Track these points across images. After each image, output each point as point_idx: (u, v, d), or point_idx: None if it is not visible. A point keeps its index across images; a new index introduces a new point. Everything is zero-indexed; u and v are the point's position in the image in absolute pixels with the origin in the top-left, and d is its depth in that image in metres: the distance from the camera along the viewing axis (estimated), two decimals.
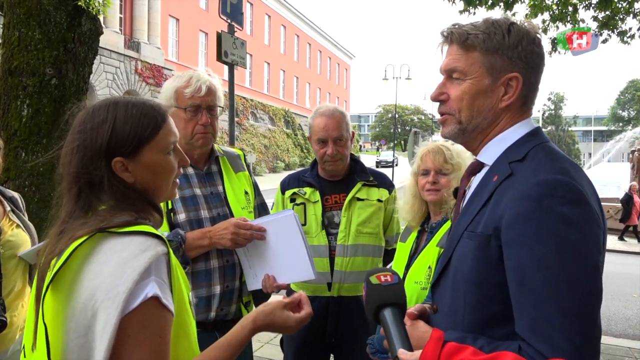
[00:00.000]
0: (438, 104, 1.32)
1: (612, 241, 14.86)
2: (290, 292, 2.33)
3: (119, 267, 1.00)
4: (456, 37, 1.25)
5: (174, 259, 1.13)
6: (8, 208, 2.26)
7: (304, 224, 2.55)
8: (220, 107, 2.14)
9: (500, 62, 1.22)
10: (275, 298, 2.76)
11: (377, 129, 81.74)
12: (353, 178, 2.62)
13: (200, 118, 2.06)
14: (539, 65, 1.25)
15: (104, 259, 1.02)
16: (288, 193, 2.65)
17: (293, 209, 2.59)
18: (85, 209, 1.11)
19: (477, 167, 1.33)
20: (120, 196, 1.13)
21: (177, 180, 1.28)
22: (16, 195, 2.39)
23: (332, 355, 2.65)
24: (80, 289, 1.00)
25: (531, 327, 1.04)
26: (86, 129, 1.13)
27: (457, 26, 1.26)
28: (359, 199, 2.58)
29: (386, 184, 2.72)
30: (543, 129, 1.34)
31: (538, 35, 1.25)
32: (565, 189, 1.07)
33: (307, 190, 2.60)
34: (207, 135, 2.09)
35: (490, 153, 1.27)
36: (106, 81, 24.90)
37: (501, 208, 1.13)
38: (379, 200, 2.63)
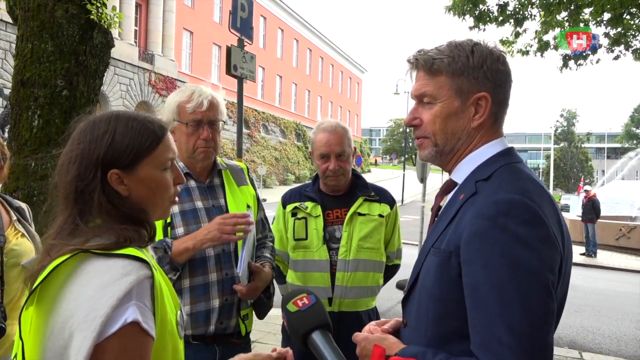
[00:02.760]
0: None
1: (624, 259, 14.65)
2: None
3: (99, 290, 0.99)
4: (422, 64, 1.28)
5: (160, 280, 1.12)
6: (14, 217, 2.29)
7: (305, 238, 2.55)
8: (222, 121, 2.15)
9: (467, 83, 1.24)
10: (276, 311, 2.75)
11: (389, 143, 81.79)
12: (354, 193, 2.62)
13: (201, 133, 2.06)
14: (505, 83, 1.27)
15: (85, 280, 1.01)
16: (289, 207, 2.65)
17: (294, 223, 2.59)
18: (77, 221, 1.11)
19: (450, 185, 1.35)
20: (112, 211, 1.13)
21: (176, 198, 1.28)
22: (23, 205, 2.41)
23: None
24: (60, 309, 1.00)
25: (482, 345, 1.05)
26: (85, 140, 1.15)
27: (422, 52, 1.29)
28: (360, 214, 2.58)
29: (387, 199, 2.71)
30: (555, 145, 1.34)
31: (502, 54, 1.27)
32: (521, 209, 1.08)
33: (309, 204, 2.60)
34: (208, 149, 2.09)
35: (462, 172, 1.30)
36: (120, 92, 25.23)
37: (462, 226, 1.15)
38: (380, 216, 2.62)
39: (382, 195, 2.69)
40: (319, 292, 2.52)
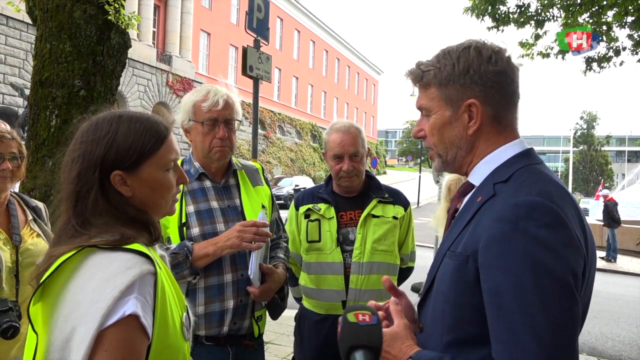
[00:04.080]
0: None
1: None
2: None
3: (102, 282, 1.00)
4: (413, 78, 1.30)
5: (164, 279, 1.12)
6: (30, 217, 2.30)
7: (319, 241, 2.53)
8: (238, 120, 2.15)
9: (454, 91, 1.23)
10: (291, 312, 2.73)
11: (404, 145, 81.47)
12: (368, 194, 2.59)
13: (217, 132, 2.06)
14: (500, 82, 1.22)
15: (89, 274, 1.02)
16: (302, 209, 2.62)
17: (307, 225, 2.57)
18: (81, 220, 1.12)
19: (467, 188, 1.32)
20: (115, 210, 1.14)
21: (177, 197, 1.29)
22: (40, 205, 2.43)
23: None
24: (64, 302, 1.01)
25: (505, 353, 1.03)
26: (88, 140, 1.15)
27: (416, 66, 1.30)
28: (374, 216, 2.54)
29: (402, 201, 2.68)
30: (575, 148, 1.30)
31: (494, 53, 1.22)
32: (542, 212, 1.05)
33: (322, 206, 2.57)
34: (224, 148, 2.09)
35: (479, 174, 1.27)
36: (138, 93, 25.49)
37: (480, 229, 1.12)
38: (395, 218, 2.59)
39: (396, 197, 2.66)
40: (333, 295, 2.49)
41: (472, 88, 1.21)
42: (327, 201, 2.58)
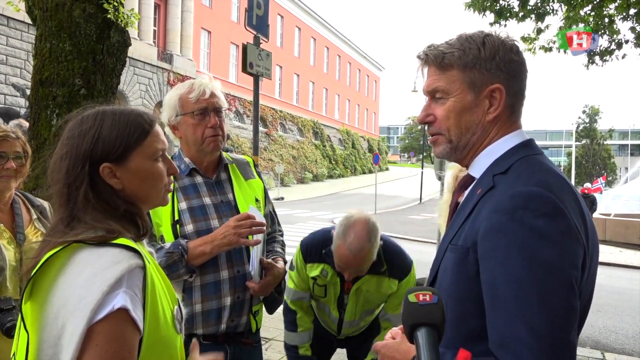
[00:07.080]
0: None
1: None
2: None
3: (91, 278, 1.00)
4: (432, 59, 1.25)
5: (154, 273, 1.12)
6: (34, 216, 2.30)
7: (324, 297, 2.63)
8: (225, 109, 2.14)
9: (479, 75, 1.21)
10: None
11: (407, 141, 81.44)
12: None
13: (208, 121, 2.03)
14: (520, 73, 1.24)
15: (77, 270, 1.02)
16: (311, 270, 2.55)
17: (314, 286, 2.61)
18: (72, 216, 1.12)
19: (468, 180, 1.31)
20: (106, 205, 1.14)
21: (170, 186, 1.29)
22: (45, 204, 2.43)
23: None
24: (53, 299, 1.01)
25: (501, 344, 1.03)
26: (74, 135, 1.16)
27: (432, 47, 1.27)
28: (366, 289, 2.55)
29: (396, 272, 2.53)
30: (577, 142, 1.30)
31: (515, 43, 1.24)
32: (539, 202, 1.05)
33: (329, 271, 2.52)
34: (217, 137, 2.05)
35: (479, 166, 1.26)
36: (139, 92, 25.51)
37: (479, 221, 1.12)
38: (385, 293, 2.57)
39: (393, 267, 2.52)
40: (326, 326, 2.79)
41: (498, 75, 1.21)
42: (332, 266, 2.49)
